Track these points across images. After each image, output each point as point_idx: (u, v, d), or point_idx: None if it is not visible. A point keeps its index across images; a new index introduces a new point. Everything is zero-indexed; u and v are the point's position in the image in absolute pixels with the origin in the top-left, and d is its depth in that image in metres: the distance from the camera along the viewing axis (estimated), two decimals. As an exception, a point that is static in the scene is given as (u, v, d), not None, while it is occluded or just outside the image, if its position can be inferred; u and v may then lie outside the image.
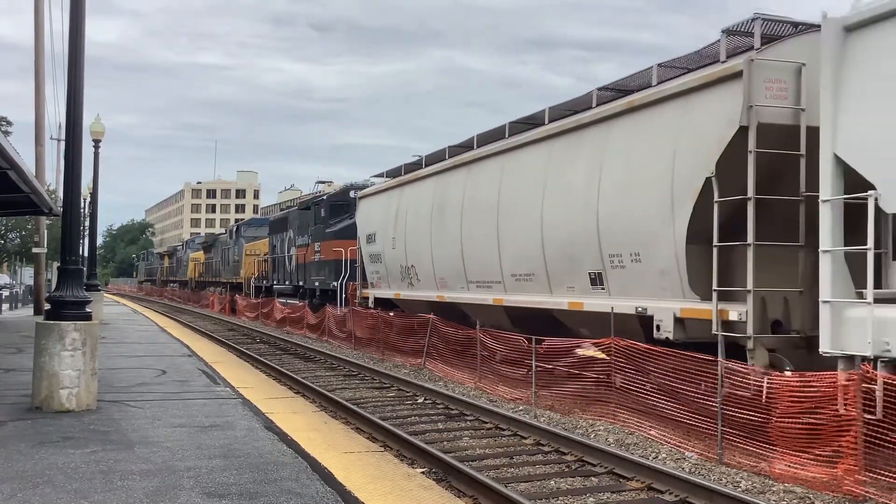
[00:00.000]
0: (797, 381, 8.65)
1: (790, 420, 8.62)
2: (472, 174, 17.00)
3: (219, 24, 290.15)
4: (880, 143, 8.13)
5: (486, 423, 11.67)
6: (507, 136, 15.95)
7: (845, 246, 8.46)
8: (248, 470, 6.93)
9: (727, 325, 9.98)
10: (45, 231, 33.76)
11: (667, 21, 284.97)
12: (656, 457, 9.45)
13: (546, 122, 14.54)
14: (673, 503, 7.80)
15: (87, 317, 9.95)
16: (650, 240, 11.30)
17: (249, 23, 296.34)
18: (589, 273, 12.78)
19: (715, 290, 10.07)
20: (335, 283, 27.42)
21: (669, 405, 10.41)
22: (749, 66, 9.75)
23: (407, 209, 20.35)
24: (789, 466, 8.38)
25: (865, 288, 8.11)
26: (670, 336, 10.88)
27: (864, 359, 8.08)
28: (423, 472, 8.46)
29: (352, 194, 26.97)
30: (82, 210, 23.10)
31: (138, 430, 8.64)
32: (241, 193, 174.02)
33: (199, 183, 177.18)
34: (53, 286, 11.44)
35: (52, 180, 44.82)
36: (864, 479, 7.68)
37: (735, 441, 9.22)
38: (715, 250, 10.08)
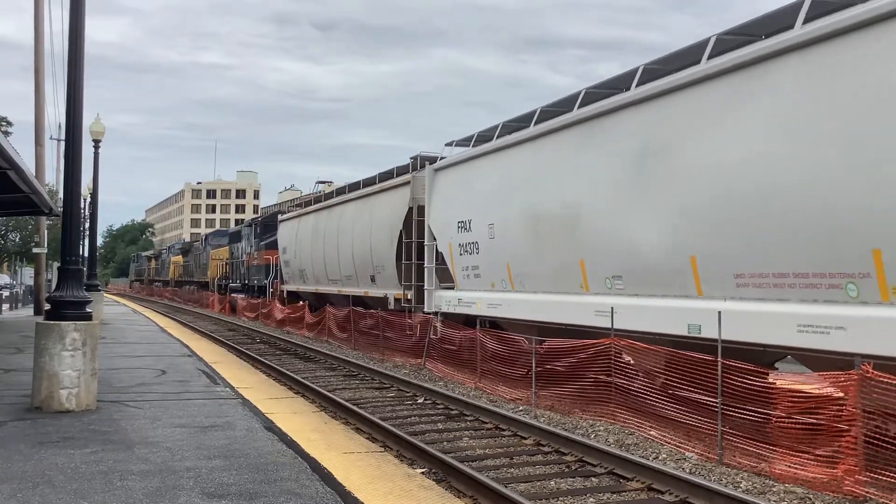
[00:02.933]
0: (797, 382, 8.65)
1: (790, 420, 8.63)
2: (330, 214, 28.02)
3: (221, 23, 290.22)
4: (437, 222, 18.82)
5: (486, 423, 11.68)
6: (347, 192, 27.37)
7: (436, 265, 18.97)
8: (248, 470, 6.92)
9: (408, 301, 20.34)
10: (46, 231, 33.77)
11: (669, 20, 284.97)
12: (656, 457, 9.45)
13: (361, 187, 25.91)
14: (673, 503, 7.80)
15: (88, 317, 9.95)
16: (387, 258, 21.81)
17: (251, 22, 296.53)
18: (370, 275, 23.46)
19: (402, 284, 20.65)
20: (265, 281, 38.39)
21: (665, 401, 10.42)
22: (412, 179, 20.45)
23: (302, 232, 30.98)
24: (789, 467, 8.38)
25: (447, 283, 18.83)
26: (393, 307, 21.35)
27: (435, 312, 18.67)
28: (423, 473, 8.46)
29: (279, 217, 36.89)
30: (82, 210, 23.11)
31: (138, 430, 8.64)
32: (241, 194, 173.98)
33: (199, 183, 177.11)
34: (53, 286, 11.42)
35: (52, 180, 45.05)
36: (865, 479, 7.68)
37: (735, 441, 9.23)
38: (403, 265, 20.62)
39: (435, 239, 18.92)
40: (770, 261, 9.44)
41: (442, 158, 19.21)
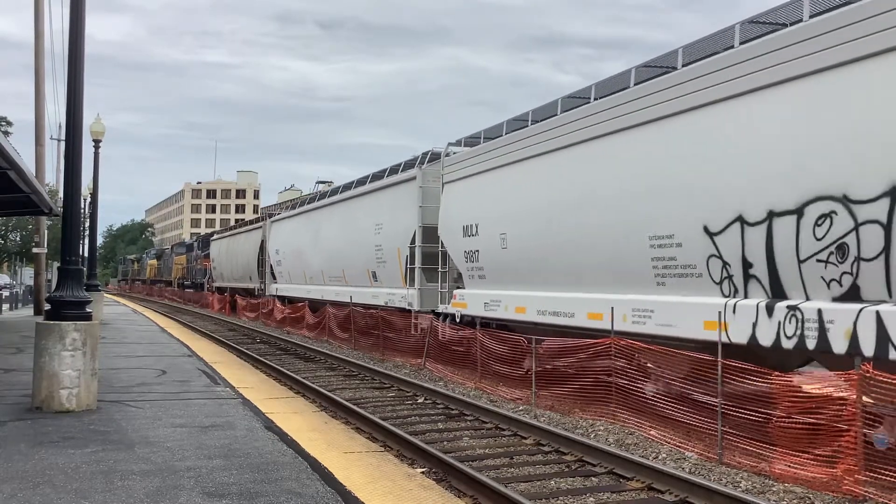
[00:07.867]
0: (797, 382, 8.66)
1: (790, 420, 8.64)
2: (234, 239, 45.94)
3: (225, 21, 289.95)
4: (270, 247, 38.10)
5: (486, 423, 11.68)
6: (249, 225, 44.70)
7: (272, 270, 37.59)
8: (249, 470, 6.93)
9: (261, 290, 39.03)
10: (46, 231, 33.79)
11: (675, 19, 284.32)
12: (656, 457, 9.45)
13: (253, 225, 43.28)
14: (673, 503, 7.81)
15: (88, 317, 9.96)
16: (254, 266, 40.35)
17: (255, 20, 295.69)
18: (249, 276, 41.64)
19: (260, 281, 39.45)
20: (204, 280, 55.58)
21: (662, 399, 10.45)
22: (263, 224, 39.67)
23: (222, 248, 48.76)
24: (789, 466, 8.39)
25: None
26: (257, 294, 39.64)
27: (279, 297, 35.87)
28: (423, 472, 8.46)
29: (211, 238, 54.77)
30: (82, 210, 23.13)
31: (138, 430, 8.65)
32: (241, 193, 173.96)
33: (199, 183, 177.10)
34: (53, 286, 11.43)
35: (52, 180, 45.31)
36: (864, 479, 7.69)
37: (735, 441, 9.23)
38: (259, 271, 39.51)
39: (270, 257, 36.46)
40: (331, 273, 27.37)
41: (276, 214, 37.87)
